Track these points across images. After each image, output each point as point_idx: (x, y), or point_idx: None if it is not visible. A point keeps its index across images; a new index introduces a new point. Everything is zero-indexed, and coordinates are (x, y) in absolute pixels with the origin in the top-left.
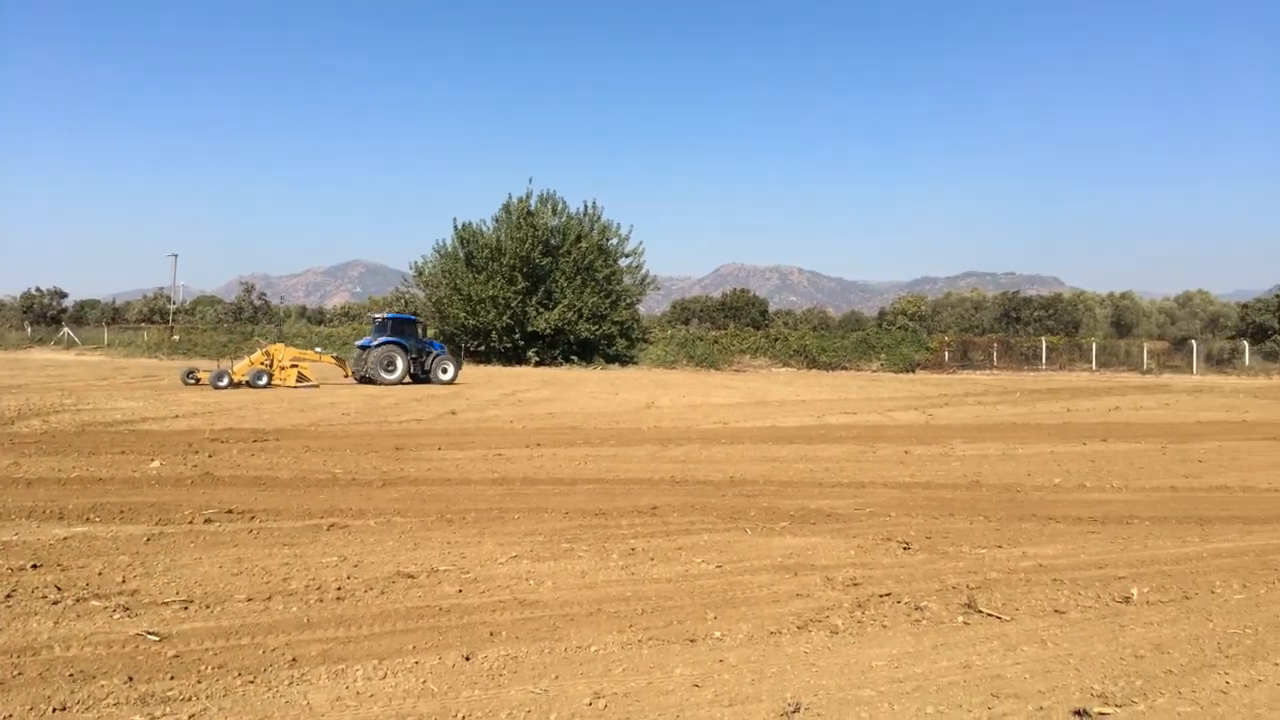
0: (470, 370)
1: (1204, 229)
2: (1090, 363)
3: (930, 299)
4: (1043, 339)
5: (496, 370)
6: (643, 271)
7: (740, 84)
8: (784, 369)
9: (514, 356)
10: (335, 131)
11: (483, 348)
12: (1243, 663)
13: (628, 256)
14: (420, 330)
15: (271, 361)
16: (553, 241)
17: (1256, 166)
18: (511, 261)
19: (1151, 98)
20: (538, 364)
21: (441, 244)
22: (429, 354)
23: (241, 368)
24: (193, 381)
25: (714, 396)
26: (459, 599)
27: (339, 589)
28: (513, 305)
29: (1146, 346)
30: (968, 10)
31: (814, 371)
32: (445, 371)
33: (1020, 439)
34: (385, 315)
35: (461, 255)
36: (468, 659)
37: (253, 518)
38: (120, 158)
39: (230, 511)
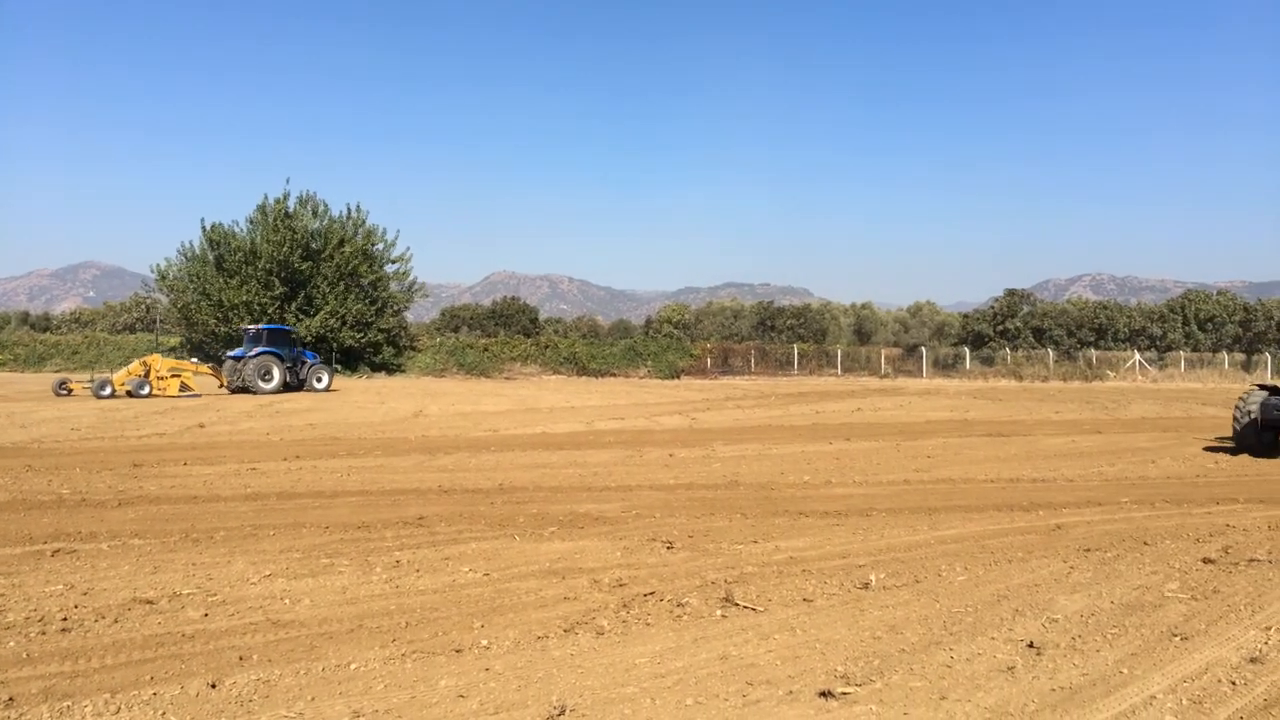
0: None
1: (928, 245)
2: (836, 368)
3: (693, 308)
4: (795, 346)
5: None
6: (410, 278)
7: (506, 87)
8: (554, 376)
9: None
10: (63, 118)
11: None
12: (964, 638)
13: (394, 262)
14: (293, 340)
15: (148, 371)
16: (313, 245)
17: (971, 186)
18: (268, 265)
19: (874, 117)
20: None
21: (188, 246)
22: (303, 363)
23: (120, 377)
24: (65, 392)
25: (484, 404)
26: (205, 623)
27: (65, 619)
28: (269, 311)
29: (884, 353)
30: (720, 21)
31: (584, 378)
32: (320, 380)
33: (775, 440)
34: (260, 326)
35: (211, 258)
36: (214, 687)
37: None
38: None
39: None
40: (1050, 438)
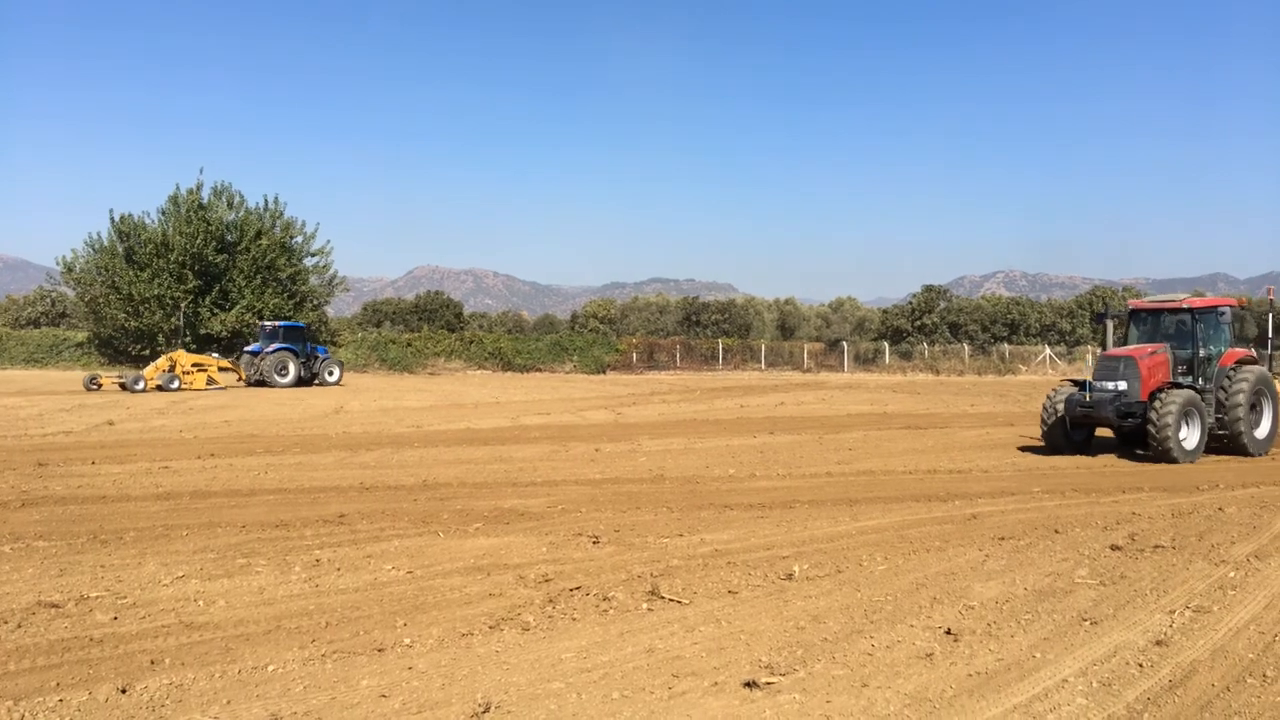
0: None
1: (850, 243)
2: (760, 362)
3: (619, 303)
4: (720, 341)
5: None
6: (331, 272)
7: (430, 80)
8: (479, 371)
9: None
10: None
11: (147, 351)
12: (885, 626)
13: (314, 256)
14: (307, 337)
15: (173, 366)
16: (229, 237)
17: (891, 186)
18: (181, 258)
19: (795, 118)
20: None
21: (95, 237)
22: (316, 358)
23: (149, 372)
24: (95, 387)
25: (407, 400)
26: (114, 627)
27: None
28: (183, 306)
29: (807, 348)
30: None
31: (509, 374)
32: (332, 374)
33: (700, 434)
34: (277, 324)
35: (120, 250)
36: (124, 692)
37: None
38: None
39: None
40: (966, 430)
